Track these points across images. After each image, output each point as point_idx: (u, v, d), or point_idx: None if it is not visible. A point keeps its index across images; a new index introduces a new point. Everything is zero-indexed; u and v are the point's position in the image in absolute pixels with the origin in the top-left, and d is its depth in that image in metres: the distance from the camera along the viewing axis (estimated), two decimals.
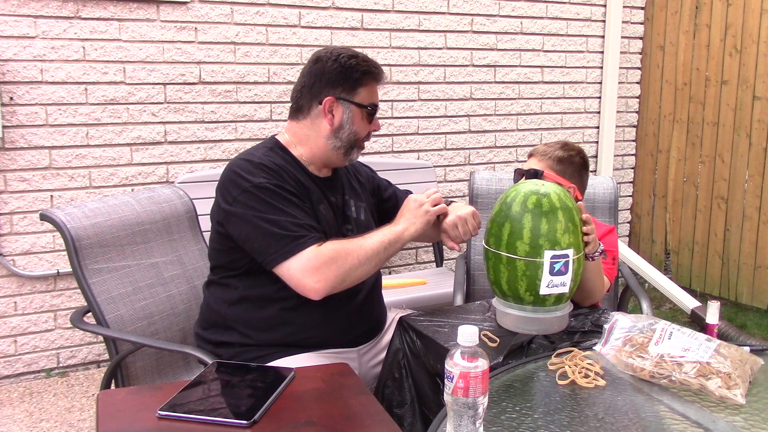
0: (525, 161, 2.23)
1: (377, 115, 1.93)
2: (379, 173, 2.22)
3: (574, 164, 2.11)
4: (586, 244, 1.79)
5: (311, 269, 1.68)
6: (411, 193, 2.22)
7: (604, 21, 4.48)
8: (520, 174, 2.11)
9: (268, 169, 1.78)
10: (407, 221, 1.81)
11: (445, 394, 1.16)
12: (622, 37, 4.57)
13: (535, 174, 2.04)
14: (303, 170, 1.88)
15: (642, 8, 4.66)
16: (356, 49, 1.93)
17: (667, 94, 4.60)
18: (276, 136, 1.94)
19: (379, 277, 2.04)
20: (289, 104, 1.99)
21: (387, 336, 1.99)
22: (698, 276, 4.50)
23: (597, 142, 4.63)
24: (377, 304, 2.01)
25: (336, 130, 1.85)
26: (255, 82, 3.55)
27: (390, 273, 4.02)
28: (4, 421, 2.90)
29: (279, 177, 1.78)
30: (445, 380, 1.15)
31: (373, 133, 1.95)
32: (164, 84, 3.35)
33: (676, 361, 1.42)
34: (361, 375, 1.90)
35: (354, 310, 1.89)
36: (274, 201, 1.73)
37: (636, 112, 4.80)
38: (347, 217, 1.95)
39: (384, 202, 2.16)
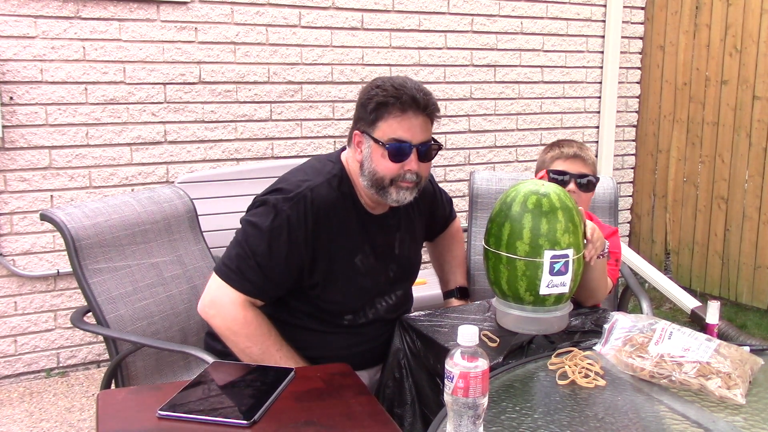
0: (550, 162, 2.10)
1: (416, 155, 1.69)
2: None
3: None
4: (588, 243, 1.78)
5: (220, 305, 1.72)
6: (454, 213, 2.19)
7: (604, 21, 4.48)
8: (557, 179, 2.02)
9: (303, 207, 1.69)
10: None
11: (445, 394, 1.16)
12: (622, 37, 4.57)
13: (595, 181, 2.03)
14: (357, 207, 1.80)
15: (642, 8, 4.66)
16: (403, 76, 1.73)
17: (667, 94, 4.60)
18: (342, 155, 1.84)
19: (409, 308, 2.02)
20: (290, 103, 1.97)
21: None
22: (698, 276, 4.50)
23: (597, 142, 4.63)
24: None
25: (362, 167, 1.74)
26: (255, 82, 3.55)
27: None
28: (4, 421, 2.90)
29: (311, 219, 1.70)
30: (445, 380, 1.15)
31: (419, 173, 1.72)
32: (164, 84, 3.35)
33: (676, 361, 1.42)
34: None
35: (380, 342, 1.88)
36: (274, 238, 1.70)
37: (636, 112, 4.80)
38: (394, 257, 1.90)
39: (429, 227, 2.13)
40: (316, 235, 1.73)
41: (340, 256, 1.78)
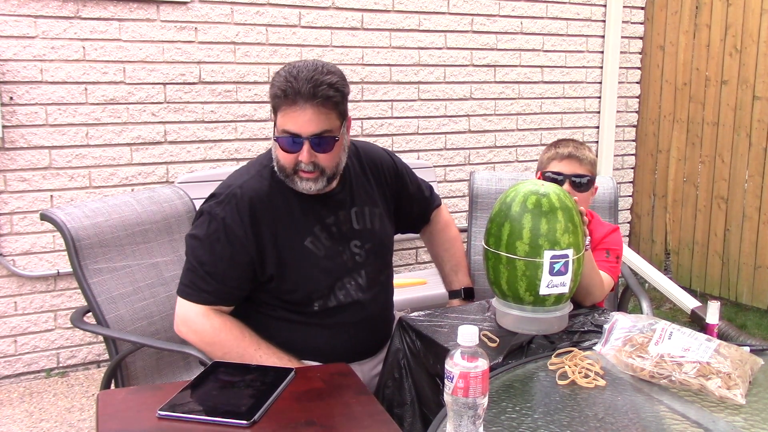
0: (547, 164, 2.11)
1: (308, 146, 1.68)
2: None
3: (596, 166, 2.12)
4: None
5: (189, 322, 1.76)
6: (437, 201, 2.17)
7: (604, 21, 4.48)
8: (551, 180, 2.02)
9: (235, 205, 1.73)
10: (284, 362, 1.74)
11: (445, 394, 1.16)
12: (622, 37, 4.57)
13: (590, 182, 2.02)
14: (293, 193, 1.79)
15: (642, 8, 4.66)
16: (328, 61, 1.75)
17: (667, 94, 4.60)
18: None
19: (390, 299, 2.01)
20: None
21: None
22: (698, 276, 4.50)
23: (597, 142, 4.63)
24: (388, 322, 1.98)
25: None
26: (255, 82, 3.55)
27: None
28: (4, 421, 2.90)
29: (246, 214, 1.72)
30: (445, 380, 1.15)
31: (316, 163, 1.71)
32: (164, 84, 3.35)
33: (676, 361, 1.42)
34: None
35: (362, 329, 1.88)
36: (214, 243, 1.73)
37: (636, 112, 4.80)
38: (355, 232, 1.86)
39: (402, 208, 2.06)
40: (256, 229, 1.74)
41: (287, 244, 1.77)
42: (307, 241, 1.79)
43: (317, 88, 1.65)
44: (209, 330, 1.74)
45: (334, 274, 1.83)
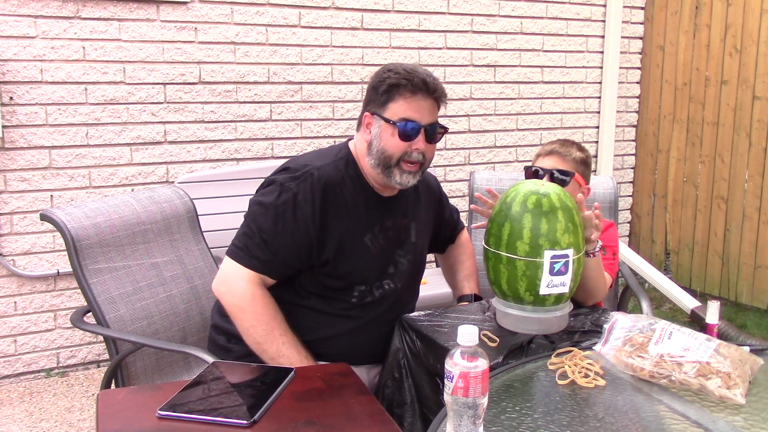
0: (534, 160, 2.17)
1: (423, 136, 1.77)
2: None
3: (588, 165, 2.13)
4: (588, 241, 1.79)
5: (230, 283, 1.77)
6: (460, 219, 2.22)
7: (604, 21, 4.48)
8: (533, 176, 2.06)
9: (310, 185, 1.74)
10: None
11: (445, 394, 1.16)
12: (622, 37, 4.57)
13: (565, 175, 2.03)
14: (365, 189, 1.84)
15: (642, 8, 4.66)
16: (406, 63, 1.83)
17: (667, 94, 4.60)
18: (349, 143, 1.90)
19: (412, 305, 2.03)
20: (289, 103, 1.98)
21: None
22: (698, 276, 4.50)
23: (597, 142, 4.63)
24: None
25: (369, 146, 1.80)
26: (255, 82, 3.55)
27: None
28: (4, 421, 2.90)
29: (318, 197, 1.74)
30: (445, 380, 1.15)
31: (425, 154, 1.79)
32: (164, 84, 3.35)
33: (676, 361, 1.42)
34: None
35: (384, 332, 1.89)
36: (279, 214, 1.74)
37: (636, 112, 4.80)
38: (402, 242, 1.92)
39: (439, 233, 2.16)
40: (324, 213, 1.76)
41: (348, 235, 1.80)
42: (367, 237, 1.84)
43: (437, 82, 1.79)
44: (248, 296, 1.74)
45: (380, 273, 1.88)
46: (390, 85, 1.75)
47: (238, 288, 1.76)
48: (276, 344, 1.73)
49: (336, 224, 1.78)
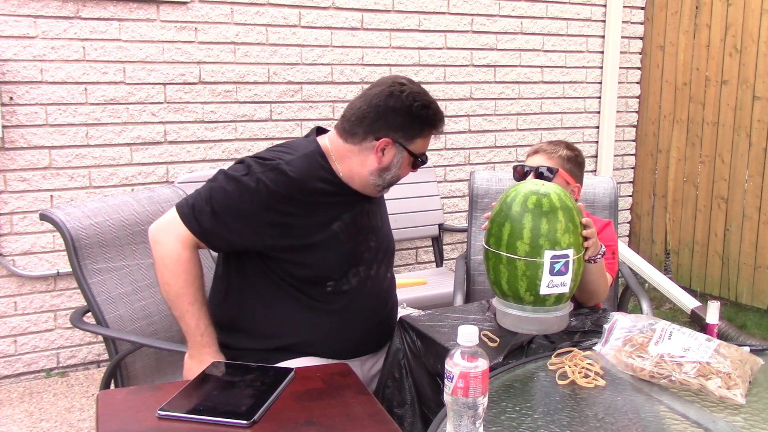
0: (524, 159, 2.21)
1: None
2: None
3: (579, 164, 2.13)
4: (587, 248, 1.79)
5: (165, 234, 1.77)
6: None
7: (604, 21, 4.48)
8: (521, 173, 2.09)
9: (276, 176, 1.74)
10: None
11: (445, 394, 1.16)
12: (622, 37, 4.57)
13: (549, 171, 2.03)
14: (332, 179, 1.84)
15: (642, 8, 4.66)
16: (431, 96, 1.85)
17: (667, 94, 4.60)
18: (319, 139, 1.89)
19: (395, 300, 2.03)
20: (289, 103, 1.97)
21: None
22: (698, 276, 4.50)
23: (597, 142, 4.63)
24: (391, 321, 1.99)
25: (382, 170, 1.81)
26: (255, 82, 3.55)
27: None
28: (4, 421, 2.90)
29: (283, 188, 1.74)
30: (445, 380, 1.15)
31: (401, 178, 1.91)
32: (164, 84, 3.35)
33: (676, 361, 1.42)
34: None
35: (366, 321, 1.89)
36: (237, 192, 1.75)
37: (636, 112, 4.80)
38: (372, 228, 1.93)
39: None
40: (287, 204, 1.75)
41: (316, 223, 1.79)
42: (335, 225, 1.83)
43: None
44: (175, 255, 1.75)
45: (352, 260, 1.87)
46: (424, 123, 1.80)
47: (169, 244, 1.76)
48: (181, 309, 1.76)
49: (300, 213, 1.77)
